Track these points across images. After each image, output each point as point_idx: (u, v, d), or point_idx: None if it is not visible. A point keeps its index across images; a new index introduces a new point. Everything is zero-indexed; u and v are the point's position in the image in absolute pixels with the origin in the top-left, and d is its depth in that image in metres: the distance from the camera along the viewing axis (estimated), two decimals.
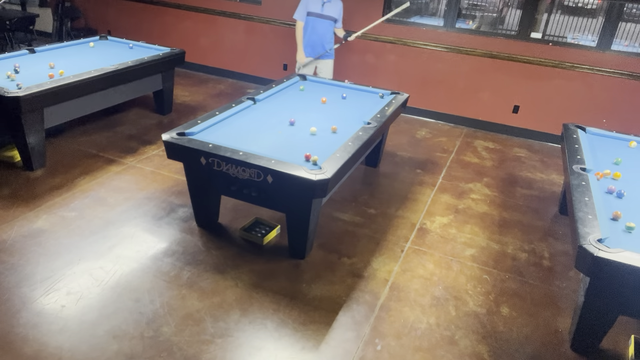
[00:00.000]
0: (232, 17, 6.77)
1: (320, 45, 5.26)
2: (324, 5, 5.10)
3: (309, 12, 5.13)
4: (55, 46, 5.25)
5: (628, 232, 2.65)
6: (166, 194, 3.91)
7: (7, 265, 2.95)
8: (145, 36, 6.79)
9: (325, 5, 5.11)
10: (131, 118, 5.35)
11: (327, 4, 5.11)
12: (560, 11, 6.41)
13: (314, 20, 5.15)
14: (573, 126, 4.14)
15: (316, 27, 5.16)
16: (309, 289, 3.00)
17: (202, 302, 2.81)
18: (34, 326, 2.54)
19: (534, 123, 5.74)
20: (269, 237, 3.43)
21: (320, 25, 5.16)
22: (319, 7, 5.09)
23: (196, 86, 6.68)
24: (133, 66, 4.71)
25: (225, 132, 3.40)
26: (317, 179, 2.77)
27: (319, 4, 5.10)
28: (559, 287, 3.26)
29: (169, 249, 3.25)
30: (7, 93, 3.65)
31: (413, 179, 4.54)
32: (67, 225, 3.39)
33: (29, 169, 4.04)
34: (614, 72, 5.21)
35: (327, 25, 5.19)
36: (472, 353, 2.65)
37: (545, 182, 4.76)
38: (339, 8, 5.22)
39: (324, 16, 5.12)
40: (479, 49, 5.65)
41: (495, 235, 3.78)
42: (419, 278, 3.21)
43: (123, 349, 2.46)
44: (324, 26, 5.17)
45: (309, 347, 2.58)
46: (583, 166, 3.34)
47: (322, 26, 5.17)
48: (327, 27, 5.19)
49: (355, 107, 4.19)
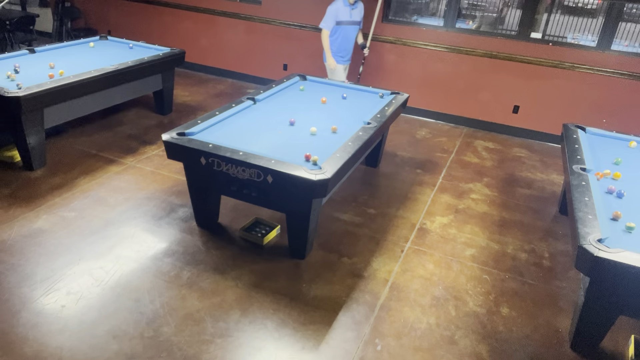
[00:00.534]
0: (232, 17, 6.77)
1: (350, 50, 5.36)
2: (352, 12, 5.12)
3: (338, 21, 5.08)
4: (55, 46, 5.25)
5: (628, 232, 2.65)
6: (166, 194, 3.91)
7: (7, 265, 2.95)
8: (145, 36, 6.79)
9: (353, 12, 5.12)
10: (131, 118, 5.35)
11: (354, 9, 5.12)
12: (560, 11, 6.41)
13: (344, 29, 5.14)
14: (573, 126, 4.14)
15: (348, 34, 5.19)
16: (309, 289, 3.00)
17: (202, 302, 2.81)
18: (34, 326, 2.54)
19: (534, 123, 5.74)
20: (269, 237, 3.43)
21: (351, 32, 5.22)
22: (347, 15, 5.08)
23: (196, 86, 6.68)
24: (133, 66, 4.71)
25: (225, 132, 3.40)
26: (317, 179, 2.77)
27: (347, 12, 5.08)
28: (559, 287, 3.26)
29: (169, 249, 3.25)
30: (7, 93, 3.65)
31: (413, 179, 4.54)
32: (67, 225, 3.39)
33: (29, 169, 4.04)
34: (614, 72, 5.21)
35: (355, 30, 5.27)
36: (472, 353, 2.65)
37: (545, 182, 4.76)
38: (362, 8, 5.27)
39: (354, 22, 5.17)
40: (479, 49, 5.64)
41: (495, 235, 3.78)
42: (419, 278, 3.21)
43: (123, 349, 2.46)
44: (354, 31, 5.25)
45: (309, 347, 2.58)
46: (583, 166, 3.34)
47: (353, 32, 5.23)
48: (355, 32, 5.28)
49: (355, 107, 4.18)
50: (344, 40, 5.22)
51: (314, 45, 6.43)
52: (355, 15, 5.15)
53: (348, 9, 5.07)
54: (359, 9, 5.21)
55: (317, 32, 6.35)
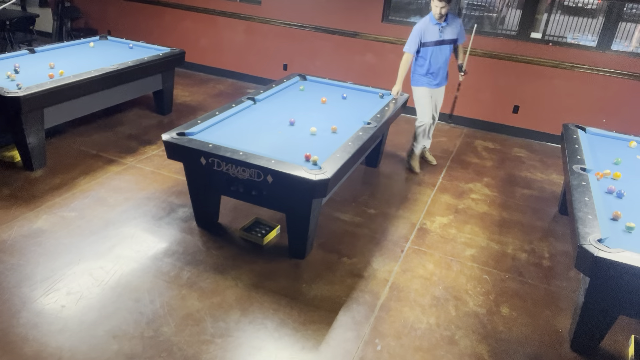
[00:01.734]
0: (232, 17, 6.77)
1: (443, 73, 4.55)
2: (443, 30, 4.33)
3: (424, 42, 4.35)
4: (55, 46, 5.25)
5: (628, 232, 2.65)
6: (166, 194, 3.91)
7: (7, 265, 2.95)
8: (145, 36, 6.79)
9: (444, 30, 4.33)
10: (131, 118, 5.35)
11: (446, 27, 4.33)
12: (560, 11, 6.42)
13: (432, 50, 4.37)
14: (573, 126, 4.14)
15: (437, 56, 4.40)
16: (309, 289, 3.00)
17: (202, 302, 2.81)
18: (34, 326, 2.54)
19: (534, 123, 5.74)
20: (269, 237, 3.43)
21: (441, 54, 4.41)
22: (436, 35, 4.32)
23: (196, 86, 6.68)
24: (133, 66, 4.71)
25: (225, 132, 3.40)
26: (317, 179, 2.77)
27: (436, 31, 4.31)
28: (559, 287, 3.26)
29: (169, 249, 3.25)
30: (7, 93, 3.65)
31: (413, 179, 4.54)
32: (67, 225, 3.39)
33: (29, 169, 4.04)
34: (614, 72, 5.21)
35: (448, 51, 4.45)
36: (472, 353, 2.65)
37: (545, 182, 4.76)
38: (459, 24, 4.45)
39: (444, 42, 4.37)
40: (479, 49, 5.64)
41: (495, 235, 3.78)
42: (419, 278, 3.21)
43: (123, 349, 2.46)
44: (446, 51, 4.43)
45: (309, 347, 2.58)
46: (583, 166, 3.34)
47: (444, 53, 4.42)
48: (448, 53, 4.46)
49: (355, 107, 4.18)
50: (434, 63, 4.42)
51: (314, 45, 6.43)
52: (447, 34, 4.34)
53: (436, 27, 4.30)
54: (453, 25, 4.37)
55: (317, 32, 6.36)
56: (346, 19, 6.13)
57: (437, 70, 4.45)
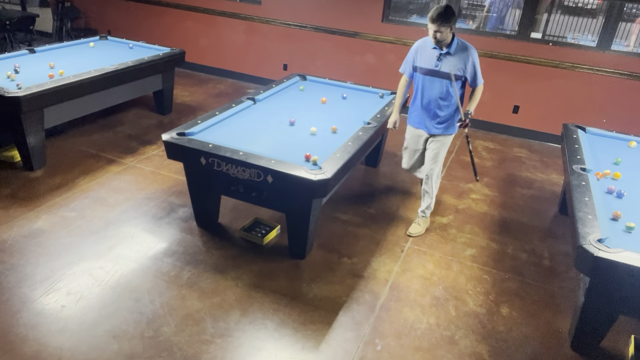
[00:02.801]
0: (232, 17, 6.76)
1: (431, 114, 3.49)
2: (441, 59, 3.35)
3: (416, 66, 3.48)
4: (55, 46, 5.25)
5: (628, 232, 2.65)
6: (166, 194, 3.91)
7: (7, 265, 2.95)
8: (145, 36, 6.78)
9: (444, 59, 3.34)
10: (131, 118, 5.35)
11: (446, 57, 3.34)
12: (560, 11, 6.42)
13: (423, 79, 3.45)
14: (573, 126, 4.14)
15: (426, 88, 3.45)
16: (309, 289, 3.00)
17: (202, 302, 2.81)
18: (34, 326, 2.54)
19: (534, 123, 5.74)
20: (269, 237, 3.43)
21: (432, 88, 3.43)
22: (431, 61, 3.39)
23: (196, 86, 6.68)
24: (133, 66, 4.71)
25: (225, 132, 3.40)
26: (317, 179, 2.77)
27: (432, 57, 3.38)
28: (559, 287, 3.25)
29: (169, 249, 3.25)
30: (7, 93, 3.65)
31: (413, 179, 4.54)
32: (67, 225, 3.39)
33: (29, 169, 4.04)
34: (614, 72, 5.21)
35: (443, 88, 3.40)
36: (472, 353, 2.65)
37: (545, 182, 4.75)
38: (470, 60, 3.35)
39: (439, 74, 3.37)
40: (479, 49, 5.62)
41: (495, 235, 3.78)
42: (419, 278, 3.21)
43: (123, 349, 2.46)
44: (437, 88, 3.42)
45: (309, 347, 2.58)
46: (583, 166, 3.34)
47: (435, 88, 3.42)
48: (442, 90, 3.40)
49: (355, 107, 4.18)
50: (421, 96, 3.49)
51: (314, 45, 6.43)
52: (445, 65, 3.34)
53: (435, 52, 3.37)
54: (459, 58, 3.33)
55: (317, 32, 6.36)
56: (346, 19, 6.13)
57: (426, 106, 3.48)
